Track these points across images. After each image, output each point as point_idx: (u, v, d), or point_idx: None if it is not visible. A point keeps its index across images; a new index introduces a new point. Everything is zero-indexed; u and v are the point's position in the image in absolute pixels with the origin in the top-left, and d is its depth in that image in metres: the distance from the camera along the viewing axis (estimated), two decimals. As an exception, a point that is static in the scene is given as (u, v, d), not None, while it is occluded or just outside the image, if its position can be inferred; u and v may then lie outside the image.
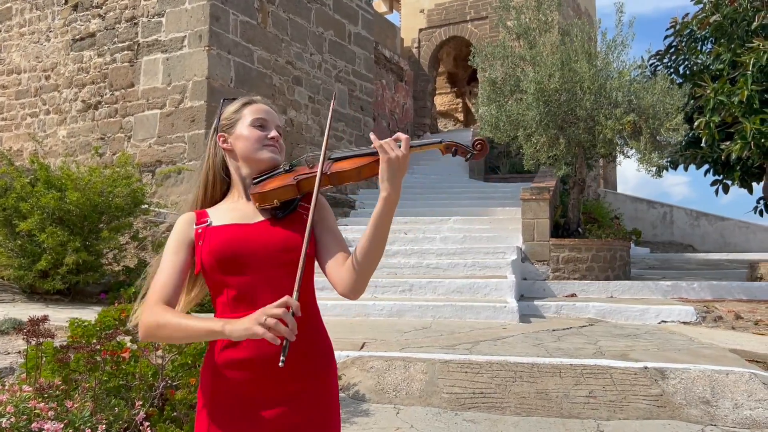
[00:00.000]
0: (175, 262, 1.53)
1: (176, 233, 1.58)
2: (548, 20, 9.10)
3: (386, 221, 1.48)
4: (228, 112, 1.69)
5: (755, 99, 10.25)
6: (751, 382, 4.42)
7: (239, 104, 1.69)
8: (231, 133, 1.66)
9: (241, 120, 1.66)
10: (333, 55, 13.27)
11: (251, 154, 1.63)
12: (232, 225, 1.56)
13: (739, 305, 7.96)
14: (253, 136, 1.64)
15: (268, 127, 1.67)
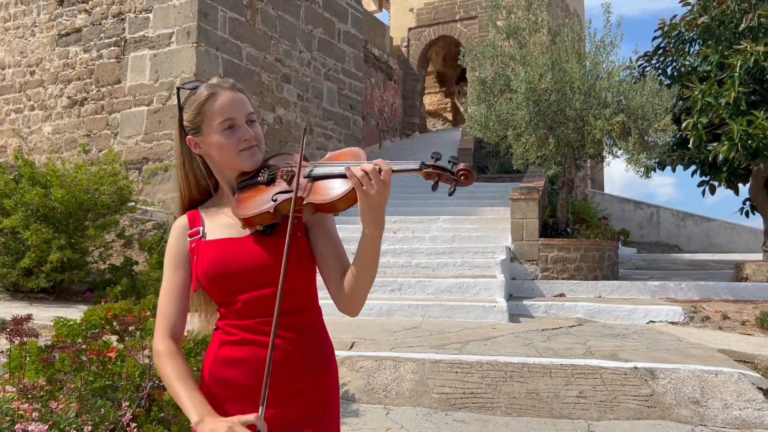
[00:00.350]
0: (175, 282, 1.50)
1: (172, 248, 1.52)
2: (538, 20, 9.11)
3: (372, 256, 1.41)
4: (189, 112, 1.51)
5: (742, 101, 10.32)
6: (741, 383, 4.43)
7: (199, 101, 1.49)
8: (200, 138, 1.51)
9: (206, 123, 1.48)
10: (322, 53, 13.21)
11: (229, 163, 1.51)
12: (222, 240, 1.49)
13: (726, 305, 8.01)
14: (224, 144, 1.48)
15: (238, 124, 1.49)
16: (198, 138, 1.51)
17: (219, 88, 1.51)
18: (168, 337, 1.46)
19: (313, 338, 1.52)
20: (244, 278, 1.45)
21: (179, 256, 1.51)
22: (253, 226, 1.47)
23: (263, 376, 1.39)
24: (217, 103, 1.49)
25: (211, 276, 1.45)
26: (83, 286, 7.46)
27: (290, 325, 1.48)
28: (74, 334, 3.23)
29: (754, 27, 10.39)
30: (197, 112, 1.50)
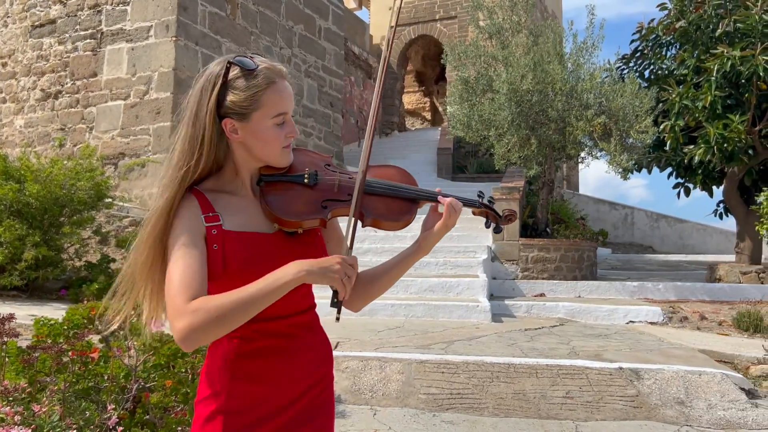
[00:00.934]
0: (196, 257, 1.31)
1: (186, 225, 1.34)
2: (520, 21, 9.13)
3: (406, 271, 1.54)
4: (243, 95, 1.36)
5: (718, 104, 10.47)
6: (723, 383, 4.47)
7: (258, 87, 1.36)
8: (243, 125, 1.37)
9: (259, 113, 1.36)
10: (303, 50, 13.11)
11: (268, 158, 1.42)
12: (250, 234, 1.39)
13: (703, 306, 8.12)
14: (273, 138, 1.39)
15: (288, 120, 1.42)
16: (242, 124, 1.37)
17: (278, 77, 1.41)
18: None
19: (319, 333, 1.52)
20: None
21: (196, 234, 1.34)
22: (293, 228, 1.41)
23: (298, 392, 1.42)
24: (275, 94, 1.39)
25: (246, 272, 1.34)
26: (58, 283, 7.29)
27: (304, 323, 1.47)
28: (56, 334, 3.13)
29: (731, 32, 10.55)
30: (252, 98, 1.36)
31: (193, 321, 1.21)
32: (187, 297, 1.25)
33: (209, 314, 1.21)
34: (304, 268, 1.26)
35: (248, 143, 1.40)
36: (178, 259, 1.30)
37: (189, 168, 1.39)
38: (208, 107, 1.37)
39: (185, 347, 1.23)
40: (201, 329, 1.21)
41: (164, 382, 2.90)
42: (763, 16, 9.85)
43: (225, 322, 1.22)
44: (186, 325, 1.21)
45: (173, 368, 3.08)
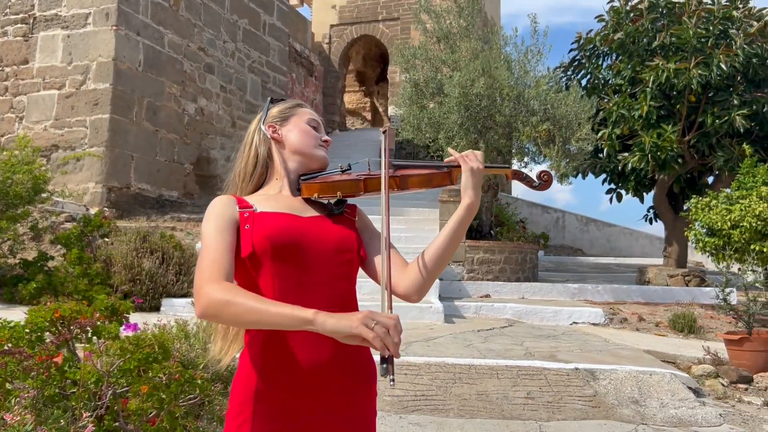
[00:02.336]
0: (224, 241, 1.39)
1: (217, 214, 1.44)
2: (468, 26, 9.27)
3: (465, 227, 1.53)
4: (281, 107, 1.65)
5: (653, 114, 10.96)
6: (673, 383, 4.68)
7: (293, 103, 1.67)
8: (283, 124, 1.62)
9: (296, 116, 1.63)
10: (247, 45, 12.87)
11: (305, 148, 1.58)
12: (283, 214, 1.47)
13: (640, 308, 8.48)
14: (309, 132, 1.61)
15: (320, 131, 1.65)
16: (282, 124, 1.61)
17: (307, 107, 1.70)
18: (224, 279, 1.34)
19: (363, 348, 1.47)
20: (310, 252, 1.42)
21: (228, 221, 1.43)
22: (332, 192, 1.50)
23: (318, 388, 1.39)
24: (307, 110, 1.67)
25: (276, 241, 1.40)
26: (-11, 282, 6.87)
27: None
28: (17, 338, 2.94)
29: (666, 45, 11.06)
30: (291, 109, 1.65)
31: (216, 295, 1.28)
32: (219, 271, 1.34)
33: (226, 307, 1.27)
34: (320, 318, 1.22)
35: (287, 137, 1.59)
36: (211, 242, 1.40)
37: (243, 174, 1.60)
38: (257, 123, 1.64)
39: (198, 311, 1.31)
40: (213, 315, 1.29)
41: (140, 387, 2.78)
42: (697, 30, 10.37)
43: (235, 315, 1.28)
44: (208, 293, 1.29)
45: (147, 373, 2.95)
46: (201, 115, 11.70)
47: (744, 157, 10.66)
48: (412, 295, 1.49)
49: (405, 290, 1.49)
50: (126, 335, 2.92)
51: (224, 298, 1.27)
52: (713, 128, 10.97)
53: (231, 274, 1.36)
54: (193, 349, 3.98)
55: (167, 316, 5.60)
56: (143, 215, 9.78)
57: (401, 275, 1.49)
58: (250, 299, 1.27)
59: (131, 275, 6.57)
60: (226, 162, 12.35)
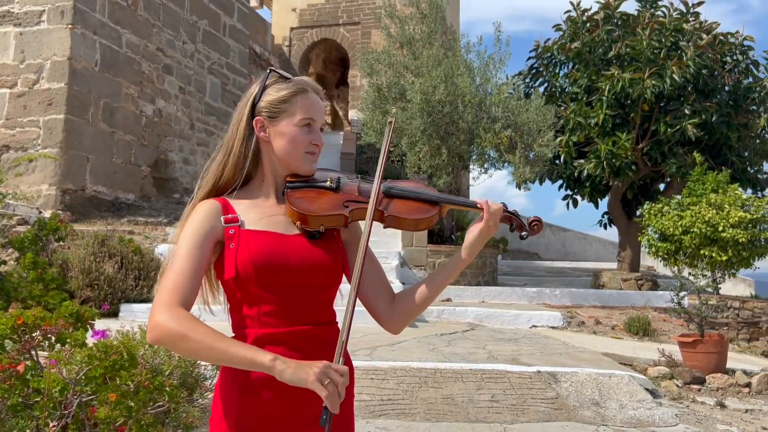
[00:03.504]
0: (197, 258, 1.35)
1: (199, 223, 1.38)
2: (431, 33, 9.36)
3: (452, 279, 1.53)
4: (275, 96, 1.45)
5: (609, 122, 11.26)
6: (631, 384, 4.82)
7: (290, 91, 1.46)
8: (272, 124, 1.45)
9: (288, 113, 1.45)
10: (207, 46, 12.71)
11: (290, 160, 1.47)
12: (269, 233, 1.41)
13: (596, 311, 8.69)
14: (297, 139, 1.45)
15: (314, 129, 1.49)
16: (271, 122, 1.45)
17: (309, 88, 1.49)
18: (182, 306, 1.31)
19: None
20: (292, 276, 1.38)
21: (208, 235, 1.38)
22: (315, 226, 1.43)
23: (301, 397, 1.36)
24: (306, 101, 1.47)
25: (260, 265, 1.36)
26: (-63, 287, 6.60)
27: (323, 338, 1.44)
28: (-24, 346, 2.85)
29: (622, 55, 11.38)
30: (284, 99, 1.45)
31: (171, 326, 1.24)
32: (178, 297, 1.29)
33: (178, 338, 1.24)
34: (279, 366, 1.23)
35: (274, 142, 1.46)
36: (179, 259, 1.34)
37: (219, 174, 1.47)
38: (245, 108, 1.47)
39: (150, 337, 1.28)
40: (165, 343, 1.26)
41: (108, 395, 2.72)
42: (651, 41, 10.70)
43: (190, 350, 1.26)
44: (156, 328, 1.25)
45: (111, 381, 2.90)
46: (159, 116, 11.50)
47: (695, 164, 11.03)
48: (394, 331, 1.53)
49: (389, 327, 1.52)
50: (94, 342, 2.86)
51: (179, 332, 1.24)
52: (666, 136, 11.33)
53: (192, 300, 1.33)
54: (158, 355, 3.92)
55: (127, 322, 5.48)
56: (99, 218, 9.55)
57: (386, 310, 1.50)
58: (207, 336, 1.24)
59: (89, 280, 6.41)
60: (184, 164, 12.16)
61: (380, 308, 1.50)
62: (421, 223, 1.51)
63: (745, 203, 10.18)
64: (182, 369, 3.90)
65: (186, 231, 1.39)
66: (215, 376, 4.11)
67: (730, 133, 11.83)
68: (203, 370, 4.06)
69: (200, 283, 1.38)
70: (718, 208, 9.86)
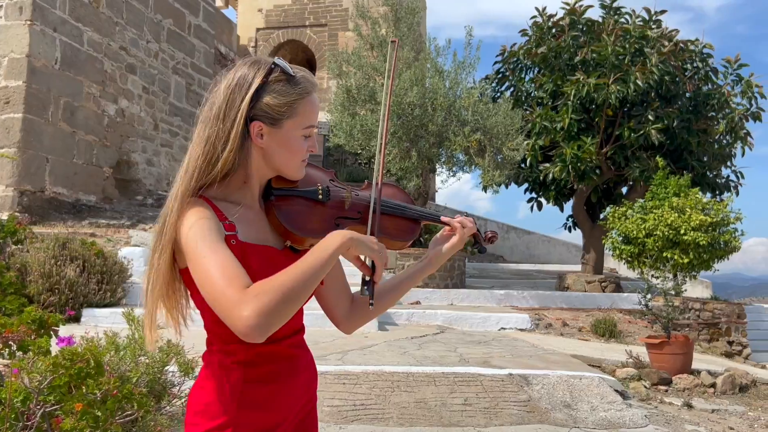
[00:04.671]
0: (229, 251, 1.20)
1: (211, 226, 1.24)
2: (403, 36, 9.35)
3: (418, 282, 1.57)
4: (280, 100, 1.30)
5: (574, 126, 11.41)
6: (601, 386, 4.86)
7: (296, 95, 1.31)
8: (272, 130, 1.31)
9: (292, 121, 1.31)
10: (171, 45, 12.48)
11: (286, 169, 1.36)
12: (267, 248, 1.33)
13: (563, 313, 8.78)
14: (298, 150, 1.34)
15: (312, 135, 1.38)
16: (271, 129, 1.31)
17: (312, 89, 1.37)
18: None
19: (308, 352, 1.50)
20: None
21: (220, 234, 1.24)
22: (304, 245, 1.37)
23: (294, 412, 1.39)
24: (310, 106, 1.35)
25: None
26: None
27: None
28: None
29: (587, 60, 11.55)
30: (290, 105, 1.31)
31: (262, 303, 1.10)
32: (240, 285, 1.13)
33: (276, 293, 1.11)
34: (348, 236, 1.23)
35: (271, 150, 1.33)
36: (211, 254, 1.18)
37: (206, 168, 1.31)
38: (241, 105, 1.29)
39: (257, 335, 1.11)
40: (272, 311, 1.10)
41: (74, 405, 2.61)
42: (615, 47, 10.87)
43: (293, 299, 1.13)
44: (255, 310, 1.09)
45: (78, 389, 2.78)
46: (122, 116, 11.24)
47: (657, 169, 11.25)
48: (348, 332, 1.55)
49: (343, 328, 1.53)
50: (59, 349, 2.74)
51: (271, 300, 1.10)
52: (629, 141, 11.53)
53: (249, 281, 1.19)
54: (124, 362, 3.80)
55: (90, 327, 5.32)
56: (59, 221, 9.28)
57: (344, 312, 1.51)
58: (284, 275, 1.14)
59: (49, 284, 6.21)
60: (148, 166, 11.91)
61: (339, 311, 1.50)
62: (405, 245, 1.52)
63: (705, 207, 10.42)
64: (150, 376, 3.79)
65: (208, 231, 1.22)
66: (183, 382, 4.01)
67: (691, 139, 12.11)
68: (170, 376, 3.95)
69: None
70: (680, 211, 10.07)
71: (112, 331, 4.04)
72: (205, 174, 1.31)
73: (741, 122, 12.40)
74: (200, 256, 1.19)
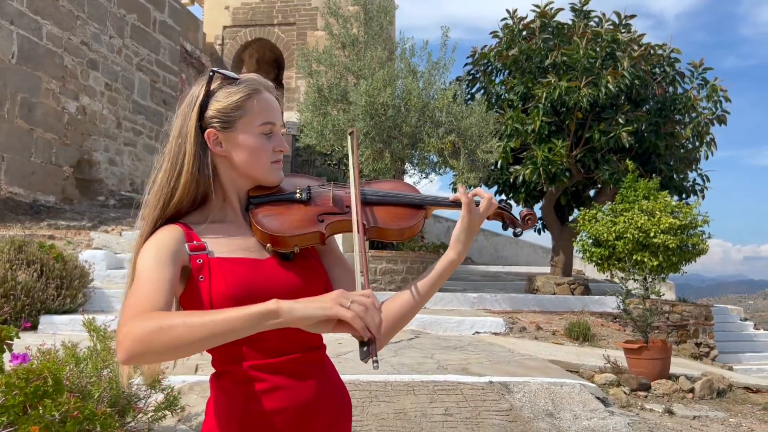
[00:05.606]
0: (166, 276, 1.12)
1: (160, 245, 1.17)
2: (375, 35, 9.20)
3: (444, 281, 1.38)
4: (226, 102, 1.25)
5: (545, 129, 11.40)
6: (583, 393, 4.76)
7: (243, 93, 1.27)
8: (227, 135, 1.26)
9: (245, 120, 1.26)
10: (135, 41, 12.09)
11: (253, 173, 1.28)
12: (243, 260, 1.22)
13: (536, 316, 8.71)
14: (259, 149, 1.27)
15: (275, 132, 1.31)
16: (226, 134, 1.26)
17: (262, 87, 1.30)
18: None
19: (336, 379, 1.36)
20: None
21: (172, 255, 1.16)
22: (288, 247, 1.25)
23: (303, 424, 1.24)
24: (261, 103, 1.28)
25: (240, 299, 1.16)
26: None
27: (316, 361, 1.31)
28: None
29: (558, 63, 11.55)
30: (236, 104, 1.26)
31: (140, 327, 1.00)
32: (150, 306, 1.06)
33: (163, 328, 0.99)
34: (285, 306, 1.03)
35: (233, 156, 1.27)
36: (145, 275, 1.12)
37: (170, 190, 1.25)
38: (190, 118, 1.26)
39: (122, 356, 1.01)
40: (145, 338, 0.99)
41: (29, 427, 2.38)
42: (587, 51, 10.89)
43: (177, 340, 1.00)
44: (130, 330, 1.01)
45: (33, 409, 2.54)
46: (83, 114, 10.84)
47: (627, 172, 11.30)
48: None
49: None
50: (13, 367, 2.50)
51: (152, 327, 0.99)
52: (600, 144, 11.57)
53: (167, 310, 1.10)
54: (85, 375, 3.55)
55: (47, 336, 5.03)
56: (16, 222, 8.86)
57: None
58: (188, 316, 1.02)
59: (4, 290, 5.86)
60: (110, 165, 11.51)
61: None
62: (405, 232, 1.35)
63: (674, 210, 10.49)
64: (113, 390, 3.55)
65: (147, 251, 1.17)
66: (149, 395, 3.78)
67: (659, 142, 12.22)
68: (135, 389, 3.71)
69: (172, 299, 1.14)
70: (649, 214, 10.11)
71: (72, 342, 3.77)
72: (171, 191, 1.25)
73: (707, 126, 12.57)
74: (135, 280, 1.14)
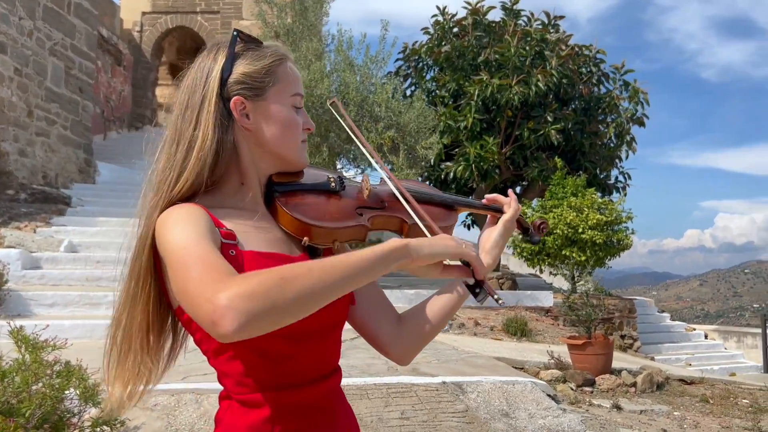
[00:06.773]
0: (213, 247, 0.90)
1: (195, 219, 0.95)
2: (311, 26, 8.95)
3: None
4: (255, 66, 1.06)
5: (477, 126, 11.50)
6: (535, 392, 4.76)
7: (274, 57, 1.08)
8: (257, 104, 1.06)
9: (277, 88, 1.07)
10: (48, 24, 11.27)
11: (286, 151, 1.09)
12: (276, 255, 1.01)
13: (473, 312, 8.75)
14: (293, 123, 1.09)
15: (302, 108, 1.14)
16: (255, 103, 1.06)
17: (288, 55, 1.14)
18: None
19: (346, 402, 1.22)
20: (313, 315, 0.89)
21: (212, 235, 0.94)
22: (327, 242, 1.08)
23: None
24: (291, 72, 1.12)
25: None
26: None
27: (335, 390, 1.15)
28: None
29: (490, 61, 11.66)
30: (269, 68, 1.07)
31: (250, 285, 0.78)
32: (223, 273, 0.83)
33: (282, 276, 0.80)
34: (413, 243, 0.99)
35: (262, 131, 1.07)
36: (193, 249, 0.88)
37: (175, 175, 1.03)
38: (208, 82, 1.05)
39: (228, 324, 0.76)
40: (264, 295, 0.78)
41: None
42: (518, 49, 11.03)
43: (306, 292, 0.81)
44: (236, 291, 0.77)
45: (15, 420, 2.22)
46: (-10, 100, 10.00)
47: (555, 169, 11.57)
48: (404, 362, 1.22)
49: (398, 358, 1.21)
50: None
51: (273, 279, 0.79)
52: (529, 141, 11.78)
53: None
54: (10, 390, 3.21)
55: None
56: None
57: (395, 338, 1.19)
58: (307, 264, 0.85)
59: None
60: (21, 156, 10.69)
61: (383, 331, 1.18)
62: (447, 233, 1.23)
63: (601, 206, 10.80)
64: (46, 407, 3.21)
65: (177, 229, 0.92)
66: (83, 411, 3.45)
67: (584, 140, 12.57)
68: (69, 403, 3.38)
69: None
70: (578, 210, 10.37)
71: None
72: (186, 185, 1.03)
73: (628, 126, 13.06)
74: (182, 258, 0.87)
